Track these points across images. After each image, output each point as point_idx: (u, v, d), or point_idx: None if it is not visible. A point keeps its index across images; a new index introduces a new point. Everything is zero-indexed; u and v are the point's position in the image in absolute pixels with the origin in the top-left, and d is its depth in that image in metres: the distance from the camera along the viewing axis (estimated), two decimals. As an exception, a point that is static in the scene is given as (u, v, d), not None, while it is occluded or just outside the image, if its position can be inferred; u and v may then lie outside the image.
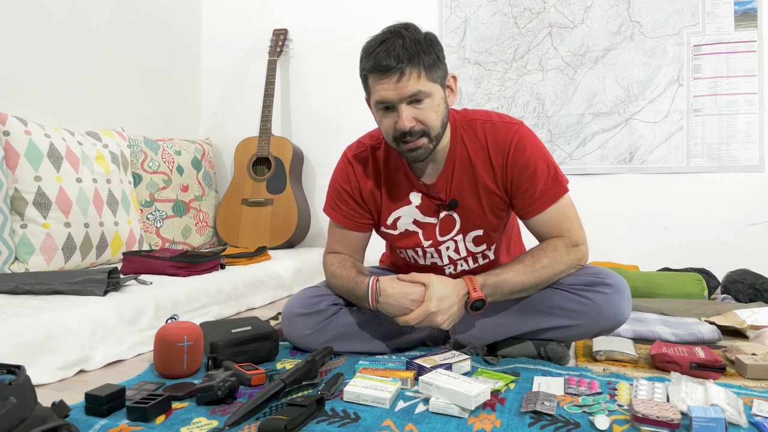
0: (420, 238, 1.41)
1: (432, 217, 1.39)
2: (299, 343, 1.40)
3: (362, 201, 1.44)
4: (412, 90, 1.21)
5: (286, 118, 2.96)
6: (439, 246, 1.41)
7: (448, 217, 1.39)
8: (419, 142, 1.26)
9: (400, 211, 1.41)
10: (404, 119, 1.22)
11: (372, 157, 1.43)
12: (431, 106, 1.25)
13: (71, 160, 1.95)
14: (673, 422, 0.93)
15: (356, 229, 1.46)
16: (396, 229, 1.43)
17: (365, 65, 1.25)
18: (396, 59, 1.19)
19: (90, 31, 2.36)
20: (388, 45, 1.21)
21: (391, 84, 1.21)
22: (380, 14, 2.77)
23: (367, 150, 1.44)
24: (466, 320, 1.37)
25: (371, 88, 1.26)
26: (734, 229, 2.37)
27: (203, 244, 2.68)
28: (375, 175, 1.43)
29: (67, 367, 1.27)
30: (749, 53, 2.35)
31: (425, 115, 1.24)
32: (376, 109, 1.28)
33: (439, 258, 1.43)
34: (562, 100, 2.57)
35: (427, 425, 0.97)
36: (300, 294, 1.44)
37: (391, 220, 1.43)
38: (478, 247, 1.42)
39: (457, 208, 1.37)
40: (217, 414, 1.01)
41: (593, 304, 1.28)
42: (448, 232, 1.40)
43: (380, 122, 1.30)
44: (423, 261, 1.46)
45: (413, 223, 1.41)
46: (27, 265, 1.79)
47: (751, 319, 1.57)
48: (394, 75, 1.20)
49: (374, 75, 1.23)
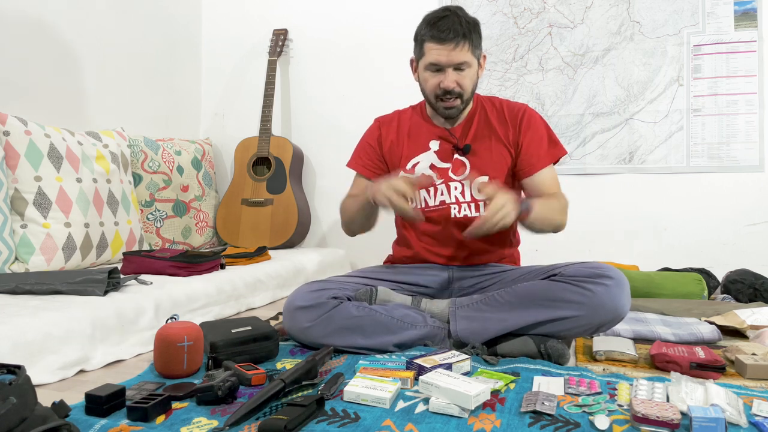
0: (434, 179, 1.62)
1: (447, 162, 1.63)
2: (299, 336, 1.41)
3: (383, 157, 1.70)
4: (461, 59, 1.50)
5: (286, 118, 2.96)
6: (449, 182, 1.61)
7: (459, 162, 1.62)
8: (455, 102, 1.55)
9: (419, 157, 1.65)
10: (450, 81, 1.52)
11: (398, 118, 1.72)
12: (469, 75, 1.54)
13: (71, 160, 1.95)
14: (673, 422, 0.93)
15: (375, 178, 1.63)
16: (414, 174, 1.63)
17: (426, 32, 1.52)
18: (454, 32, 1.48)
19: (90, 31, 2.36)
20: (449, 20, 1.49)
21: (447, 50, 1.49)
22: (380, 14, 2.77)
23: (395, 113, 1.74)
24: (468, 316, 1.39)
25: (425, 51, 1.53)
26: (734, 229, 2.37)
27: (203, 244, 2.68)
28: (398, 129, 1.70)
29: (67, 367, 1.26)
30: (749, 53, 2.35)
31: (464, 80, 1.54)
32: (425, 69, 1.55)
33: (448, 195, 1.61)
34: (562, 100, 2.57)
35: (427, 425, 0.97)
36: (301, 288, 1.47)
37: (410, 165, 1.65)
38: (481, 195, 1.56)
39: (469, 153, 1.61)
40: (217, 414, 1.01)
41: (594, 296, 1.32)
42: (458, 174, 1.61)
43: (426, 80, 1.57)
44: (432, 201, 1.62)
45: (430, 167, 1.63)
46: (27, 265, 1.79)
47: (751, 319, 1.57)
48: (450, 44, 1.48)
49: (433, 41, 1.50)
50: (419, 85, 1.62)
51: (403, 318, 1.40)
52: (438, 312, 1.46)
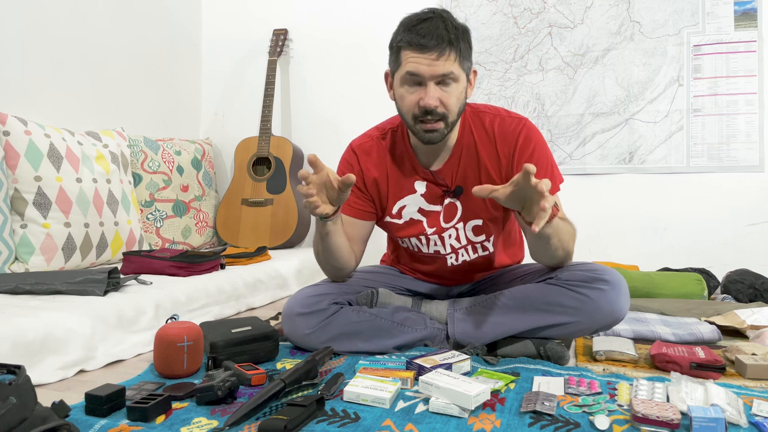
0: (424, 226, 1.45)
1: (436, 204, 1.44)
2: (300, 342, 1.40)
3: (365, 189, 1.46)
4: (446, 69, 1.25)
5: (286, 118, 2.96)
6: (442, 233, 1.45)
7: (450, 205, 1.43)
8: (437, 125, 1.29)
9: (405, 200, 1.45)
10: (430, 97, 1.25)
11: (377, 147, 1.46)
12: (455, 92, 1.28)
13: (71, 160, 1.95)
14: (673, 422, 0.93)
15: (358, 216, 1.47)
16: (401, 218, 1.47)
17: (403, 37, 1.27)
18: (438, 38, 1.23)
19: (90, 31, 2.36)
20: (431, 24, 1.24)
21: (428, 60, 1.24)
22: (380, 14, 2.77)
23: (372, 140, 1.47)
24: (466, 320, 1.38)
25: (402, 60, 1.28)
26: (734, 229, 2.37)
27: (203, 244, 2.68)
28: (380, 164, 1.45)
29: (67, 367, 1.27)
30: (749, 53, 2.35)
31: (448, 98, 1.28)
32: (401, 83, 1.30)
33: (442, 246, 1.47)
34: (562, 100, 2.57)
35: (427, 425, 0.97)
36: (300, 293, 1.43)
37: (396, 209, 1.46)
38: (477, 237, 1.46)
39: (461, 196, 1.41)
40: (217, 414, 1.01)
41: (591, 301, 1.29)
42: (450, 220, 1.44)
43: (402, 98, 1.31)
44: (426, 249, 1.49)
45: (418, 211, 1.45)
46: (27, 265, 1.79)
47: (751, 319, 1.57)
48: (433, 52, 1.23)
49: (411, 48, 1.25)
50: (395, 104, 1.36)
51: (404, 321, 1.40)
52: (437, 314, 1.45)
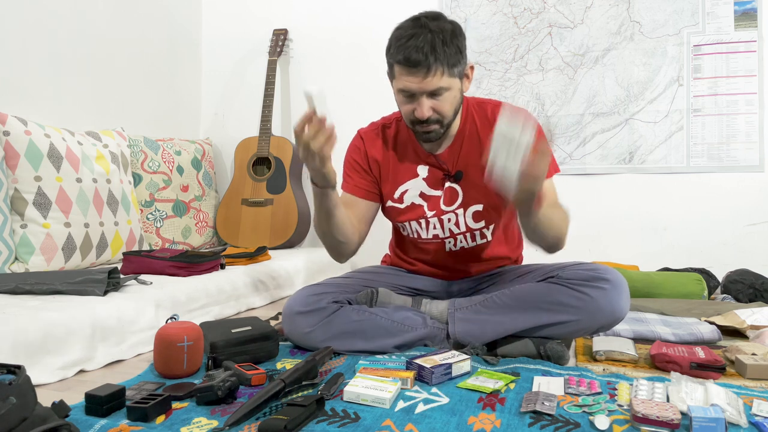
0: (425, 210, 1.51)
1: (437, 189, 1.50)
2: (300, 341, 1.40)
3: (369, 170, 1.55)
4: (434, 86, 1.33)
5: (286, 118, 2.96)
6: (441, 216, 1.50)
7: (451, 190, 1.49)
8: (432, 127, 1.39)
9: (407, 184, 1.52)
10: (423, 110, 1.35)
11: (382, 135, 1.56)
12: (448, 99, 1.37)
13: (71, 160, 1.95)
14: (673, 422, 0.93)
15: (362, 196, 1.54)
16: (402, 203, 1.53)
17: (395, 56, 1.35)
18: (424, 56, 1.29)
19: (90, 31, 2.36)
20: (417, 41, 1.30)
21: (417, 78, 1.32)
22: (380, 14, 2.77)
23: (377, 128, 1.58)
24: (467, 319, 1.38)
25: (396, 75, 1.38)
26: (734, 229, 2.37)
27: (203, 244, 2.68)
28: (384, 149, 1.55)
29: (67, 367, 1.27)
30: (749, 53, 2.35)
31: (441, 106, 1.37)
32: (397, 92, 1.40)
33: (441, 229, 1.51)
34: (562, 100, 2.57)
35: (427, 425, 0.97)
36: (300, 292, 1.44)
37: (398, 193, 1.53)
38: (477, 224, 1.50)
39: (461, 181, 1.47)
40: (217, 414, 1.01)
41: (591, 300, 1.30)
42: (451, 204, 1.49)
43: (400, 105, 1.42)
44: (425, 233, 1.53)
45: (419, 195, 1.51)
46: (27, 265, 1.79)
47: (751, 319, 1.57)
48: (420, 71, 1.31)
49: (400, 66, 1.34)
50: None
51: (404, 321, 1.40)
52: (437, 313, 1.45)
